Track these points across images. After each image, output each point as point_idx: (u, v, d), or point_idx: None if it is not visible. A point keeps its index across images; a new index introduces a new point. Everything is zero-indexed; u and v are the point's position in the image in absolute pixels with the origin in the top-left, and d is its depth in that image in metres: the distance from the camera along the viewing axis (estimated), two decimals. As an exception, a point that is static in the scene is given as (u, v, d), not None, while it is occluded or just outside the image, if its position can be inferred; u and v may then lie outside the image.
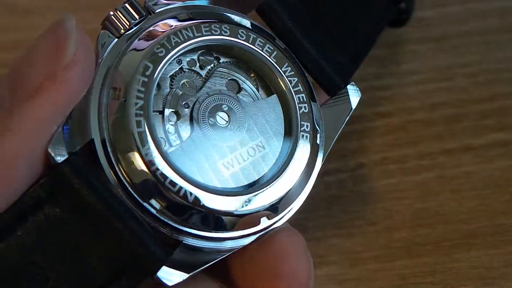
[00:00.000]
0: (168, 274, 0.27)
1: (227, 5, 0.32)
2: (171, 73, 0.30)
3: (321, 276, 0.39)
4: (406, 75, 0.45)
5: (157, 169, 0.27)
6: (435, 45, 0.46)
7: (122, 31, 0.29)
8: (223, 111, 0.30)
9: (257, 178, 0.30)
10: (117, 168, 0.28)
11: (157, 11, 0.30)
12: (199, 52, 0.31)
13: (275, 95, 0.32)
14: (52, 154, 0.27)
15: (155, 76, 0.28)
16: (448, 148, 0.43)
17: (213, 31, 0.30)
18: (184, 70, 0.31)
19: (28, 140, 0.26)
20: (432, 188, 0.42)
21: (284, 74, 0.31)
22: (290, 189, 0.30)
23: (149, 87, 0.28)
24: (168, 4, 0.31)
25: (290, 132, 0.31)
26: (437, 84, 0.45)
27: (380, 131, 0.43)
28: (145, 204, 0.28)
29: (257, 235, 0.30)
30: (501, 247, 0.40)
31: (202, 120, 0.30)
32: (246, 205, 0.29)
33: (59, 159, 0.27)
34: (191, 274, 0.28)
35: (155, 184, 0.27)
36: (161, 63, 0.29)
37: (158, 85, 0.30)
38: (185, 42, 0.30)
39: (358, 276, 0.39)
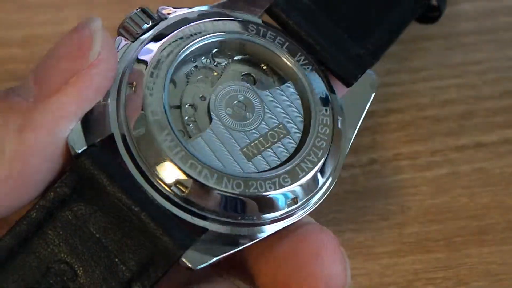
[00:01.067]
0: (193, 258, 0.27)
1: (237, 7, 0.33)
2: (186, 71, 0.31)
3: (333, 271, 0.39)
4: (417, 71, 0.45)
5: (177, 153, 0.28)
6: (446, 42, 0.46)
7: (136, 35, 0.30)
8: (240, 101, 0.31)
9: (280, 162, 0.30)
10: (137, 159, 0.28)
11: (169, 17, 0.31)
12: (213, 51, 0.32)
13: (290, 82, 0.32)
14: (72, 145, 0.27)
15: (168, 68, 0.29)
16: (459, 144, 0.43)
17: (224, 27, 0.31)
18: (199, 67, 0.31)
19: (50, 134, 0.27)
20: (443, 184, 0.42)
21: (298, 62, 0.31)
22: (313, 175, 0.30)
23: (163, 75, 0.29)
24: (181, 10, 0.32)
25: (309, 116, 0.31)
26: (448, 81, 0.45)
27: (392, 127, 0.43)
28: (167, 193, 0.28)
29: (280, 225, 0.29)
30: (513, 243, 0.40)
31: (219, 110, 0.30)
32: (268, 188, 0.29)
33: (79, 149, 0.27)
34: (216, 258, 0.28)
35: (175, 170, 0.28)
36: (175, 55, 0.30)
37: (174, 82, 0.30)
38: (197, 38, 0.30)
39: (371, 271, 0.39)
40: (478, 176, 0.42)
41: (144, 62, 0.29)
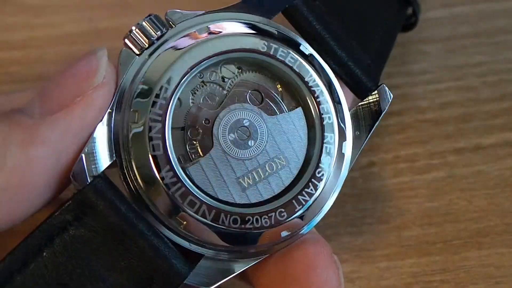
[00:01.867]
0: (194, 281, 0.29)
1: (251, 10, 0.32)
2: (192, 87, 0.30)
3: (332, 274, 0.39)
4: (416, 74, 0.45)
5: (176, 191, 0.28)
6: (445, 45, 0.46)
7: (143, 48, 0.30)
8: (244, 126, 0.30)
9: (275, 194, 0.30)
10: (138, 189, 0.28)
11: (178, 24, 0.30)
12: (222, 63, 0.31)
13: (299, 108, 0.31)
14: (75, 182, 0.28)
15: (172, 97, 0.29)
16: (458, 147, 0.43)
17: (233, 44, 0.30)
18: (205, 83, 0.30)
19: (53, 149, 0.28)
20: (442, 187, 0.42)
21: (308, 84, 0.31)
22: (315, 199, 0.30)
23: (167, 109, 0.29)
24: (190, 16, 0.31)
25: (313, 144, 0.31)
26: (447, 84, 0.45)
27: (391, 130, 0.43)
28: (166, 222, 0.28)
29: (281, 246, 0.30)
30: (511, 246, 0.40)
31: (222, 136, 0.30)
32: (264, 221, 0.29)
33: (82, 186, 0.28)
34: (217, 284, 0.29)
35: (175, 205, 0.28)
36: (178, 83, 0.29)
37: (179, 100, 0.30)
38: (204, 57, 0.29)
39: (369, 274, 0.39)
40: (476, 178, 0.42)
41: (148, 89, 0.29)
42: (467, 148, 0.43)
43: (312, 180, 0.30)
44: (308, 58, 0.31)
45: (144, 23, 0.30)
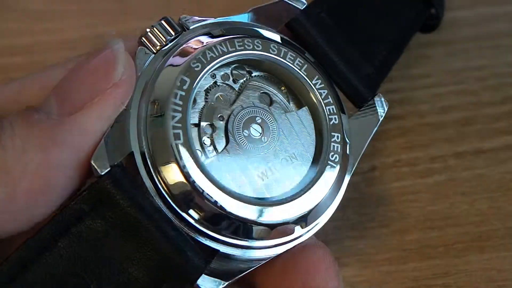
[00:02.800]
0: (208, 282, 0.29)
1: (259, 20, 0.33)
2: (205, 87, 0.31)
3: (334, 278, 0.39)
4: (418, 78, 0.45)
5: (195, 181, 0.28)
6: (446, 49, 0.46)
7: (158, 47, 0.30)
8: (257, 123, 0.31)
9: (289, 189, 0.31)
10: (156, 180, 0.28)
11: (191, 27, 0.31)
12: (233, 66, 0.32)
13: (306, 107, 0.32)
14: (95, 166, 0.28)
15: (192, 89, 0.29)
16: (459, 151, 0.43)
17: (246, 46, 0.31)
18: (218, 84, 0.31)
19: (73, 150, 0.27)
20: (443, 191, 0.42)
21: (315, 86, 0.32)
22: (320, 201, 0.31)
23: (187, 100, 0.29)
24: (202, 21, 0.32)
25: (321, 143, 0.32)
26: (448, 88, 0.45)
27: (392, 134, 0.43)
28: (183, 214, 0.28)
29: (287, 246, 0.30)
30: (512, 249, 0.40)
31: (237, 132, 0.30)
32: (280, 215, 0.29)
33: (102, 171, 0.28)
34: (229, 282, 0.29)
35: (193, 195, 0.28)
36: (198, 77, 0.29)
37: (194, 99, 0.30)
38: (220, 56, 0.30)
39: (371, 278, 0.39)
40: (477, 182, 0.42)
41: (167, 80, 0.29)
42: (468, 151, 0.43)
43: (324, 177, 0.31)
44: (314, 64, 0.32)
45: (159, 24, 0.30)
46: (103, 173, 0.27)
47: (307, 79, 0.32)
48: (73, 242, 0.27)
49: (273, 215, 0.29)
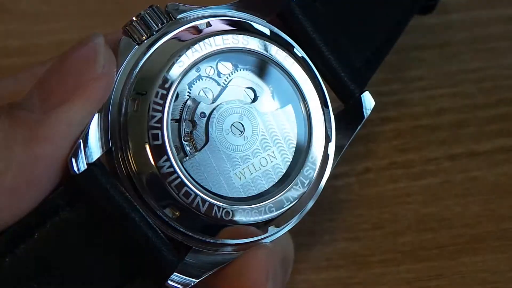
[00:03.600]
0: (179, 280, 0.29)
1: (249, 9, 0.32)
2: (189, 81, 0.31)
3: (328, 279, 0.40)
4: (412, 81, 0.45)
5: (172, 181, 0.28)
6: (441, 52, 0.46)
7: (143, 37, 0.30)
8: (238, 122, 0.31)
9: (266, 188, 0.31)
10: (133, 178, 0.28)
11: (178, 17, 0.31)
12: (218, 59, 0.31)
13: (290, 105, 0.32)
14: (72, 165, 0.27)
15: (174, 88, 0.29)
16: (453, 153, 0.43)
17: (232, 41, 0.30)
18: (202, 77, 0.31)
19: (57, 145, 0.27)
20: (437, 193, 0.42)
21: (299, 85, 0.31)
22: (295, 202, 0.31)
23: (168, 99, 0.29)
24: (190, 9, 0.31)
25: (302, 143, 0.32)
26: (443, 90, 0.45)
27: (387, 136, 0.44)
28: (159, 212, 0.28)
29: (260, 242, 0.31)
30: (506, 251, 0.40)
31: (218, 130, 0.30)
32: (254, 214, 0.30)
33: (78, 169, 0.27)
34: (199, 279, 0.29)
35: (170, 195, 0.28)
36: (180, 75, 0.29)
37: (177, 93, 0.30)
38: (206, 53, 0.30)
39: (365, 280, 0.40)
40: (472, 184, 0.42)
41: (149, 76, 0.29)
42: (462, 154, 0.43)
43: (301, 178, 0.31)
44: (300, 61, 0.32)
45: (145, 13, 0.30)
46: (79, 172, 0.27)
47: (292, 78, 0.31)
48: (49, 234, 0.27)
49: (247, 215, 0.29)
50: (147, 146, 0.28)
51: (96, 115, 0.29)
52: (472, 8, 0.48)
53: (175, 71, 0.29)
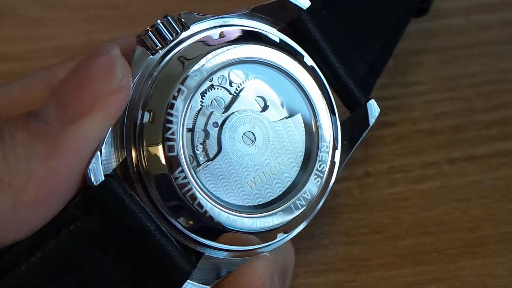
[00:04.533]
0: (191, 287, 0.29)
1: (260, 18, 0.33)
2: (202, 90, 0.31)
3: (327, 283, 0.40)
4: (411, 85, 0.45)
5: (186, 192, 0.29)
6: (439, 56, 0.47)
7: (158, 47, 0.30)
8: (250, 131, 0.31)
9: (276, 196, 0.32)
10: (148, 188, 0.29)
11: (191, 26, 0.31)
12: (230, 68, 0.31)
13: (299, 114, 0.32)
14: (90, 177, 0.28)
15: (189, 100, 0.29)
16: (452, 157, 0.43)
17: (246, 52, 0.31)
18: (214, 86, 0.31)
19: (76, 158, 0.28)
20: (436, 197, 0.42)
21: (309, 95, 0.32)
22: (306, 207, 0.31)
23: (183, 111, 0.29)
24: (203, 19, 0.31)
25: (310, 151, 0.32)
26: (441, 95, 0.45)
27: (386, 141, 0.44)
28: (174, 221, 0.29)
29: (270, 248, 0.31)
30: (505, 255, 0.40)
31: (230, 140, 0.31)
32: (265, 222, 0.31)
33: (97, 182, 0.28)
34: (211, 285, 0.30)
35: (184, 205, 0.29)
36: (195, 87, 0.30)
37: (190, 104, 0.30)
38: (219, 64, 0.30)
39: (364, 284, 0.40)
40: (471, 188, 0.42)
41: (164, 88, 0.29)
42: (461, 158, 0.43)
43: (309, 186, 0.32)
44: (310, 71, 0.32)
45: (160, 24, 0.30)
46: (97, 184, 0.28)
47: (302, 88, 0.32)
48: (64, 242, 0.27)
49: (258, 223, 0.30)
50: (163, 158, 0.29)
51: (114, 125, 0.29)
52: (470, 12, 0.48)
53: (190, 82, 0.29)
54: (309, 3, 0.33)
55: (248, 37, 0.32)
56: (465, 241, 0.41)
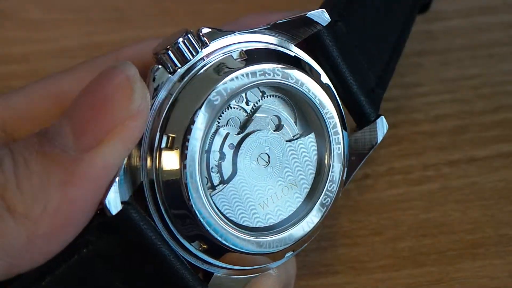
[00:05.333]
0: None
1: (279, 34, 0.32)
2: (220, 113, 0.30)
3: (327, 285, 0.40)
4: (411, 87, 0.46)
5: (202, 219, 0.28)
6: (440, 58, 0.47)
7: (177, 68, 0.29)
8: (265, 153, 0.31)
9: (287, 216, 0.31)
10: (164, 213, 0.29)
11: (211, 43, 0.30)
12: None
13: (313, 133, 0.32)
14: (109, 208, 0.27)
15: (210, 125, 0.29)
16: (452, 159, 0.43)
17: (266, 75, 0.30)
18: (231, 106, 0.31)
19: (92, 186, 0.26)
20: (436, 199, 0.42)
21: (325, 116, 0.31)
22: (315, 226, 0.31)
23: (203, 137, 0.28)
24: (223, 35, 0.30)
25: (322, 170, 0.32)
26: (442, 96, 0.45)
27: (386, 142, 0.43)
28: (188, 245, 0.29)
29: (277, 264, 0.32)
30: (505, 257, 0.41)
31: (245, 162, 0.30)
32: (275, 244, 0.30)
33: (114, 211, 0.27)
34: None
35: (199, 230, 0.29)
36: (216, 112, 0.29)
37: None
38: (241, 87, 0.29)
39: (364, 286, 0.40)
40: (470, 190, 0.42)
41: (184, 112, 0.28)
42: (461, 160, 0.43)
43: (319, 206, 0.32)
44: (325, 89, 0.32)
45: (181, 43, 0.29)
46: (115, 213, 0.27)
47: (320, 108, 0.31)
48: (77, 265, 0.27)
49: (270, 247, 0.30)
50: (180, 183, 0.28)
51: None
52: (471, 14, 0.48)
53: (210, 106, 0.28)
54: (329, 19, 0.32)
55: (268, 56, 0.31)
56: (465, 243, 0.41)
